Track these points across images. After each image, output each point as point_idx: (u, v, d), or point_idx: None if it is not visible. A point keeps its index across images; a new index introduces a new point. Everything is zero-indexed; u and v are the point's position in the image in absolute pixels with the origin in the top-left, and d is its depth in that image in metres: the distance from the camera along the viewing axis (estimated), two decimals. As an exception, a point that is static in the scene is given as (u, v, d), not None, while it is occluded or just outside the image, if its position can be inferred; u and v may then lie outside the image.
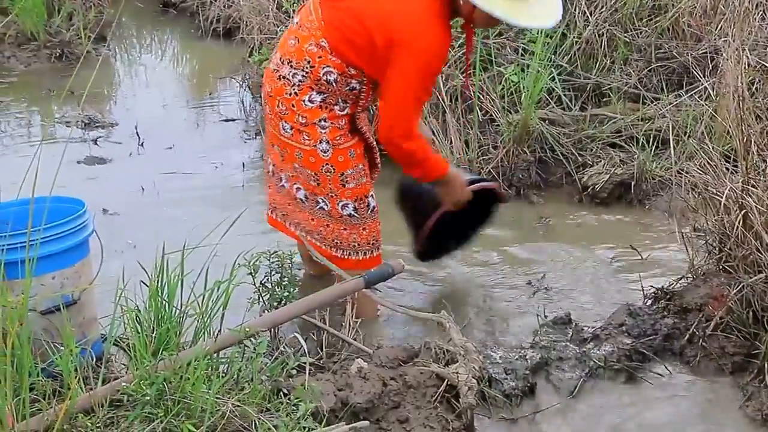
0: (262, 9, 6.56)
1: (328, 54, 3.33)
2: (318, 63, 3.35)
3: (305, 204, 3.58)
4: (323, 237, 3.59)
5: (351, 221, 3.55)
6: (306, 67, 3.36)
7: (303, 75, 3.37)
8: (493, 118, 5.23)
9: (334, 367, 3.09)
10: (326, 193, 3.50)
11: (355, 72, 3.35)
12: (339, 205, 3.51)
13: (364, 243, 3.59)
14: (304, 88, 3.38)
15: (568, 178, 5.12)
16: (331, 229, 3.57)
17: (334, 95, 3.39)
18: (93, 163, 5.52)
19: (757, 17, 5.42)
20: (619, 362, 3.40)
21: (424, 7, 3.27)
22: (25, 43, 7.49)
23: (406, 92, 3.32)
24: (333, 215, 3.54)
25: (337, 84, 3.36)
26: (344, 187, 3.49)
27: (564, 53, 5.54)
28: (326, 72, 3.35)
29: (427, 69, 3.33)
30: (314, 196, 3.54)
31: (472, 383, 2.99)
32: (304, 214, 3.61)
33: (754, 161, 3.58)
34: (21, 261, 2.65)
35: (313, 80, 3.36)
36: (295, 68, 3.39)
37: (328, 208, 3.54)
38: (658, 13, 5.77)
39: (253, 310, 3.38)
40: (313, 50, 3.35)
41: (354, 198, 3.51)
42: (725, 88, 4.59)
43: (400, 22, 3.24)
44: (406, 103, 3.33)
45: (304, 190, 3.56)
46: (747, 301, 3.40)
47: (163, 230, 3.66)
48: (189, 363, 2.61)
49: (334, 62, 3.33)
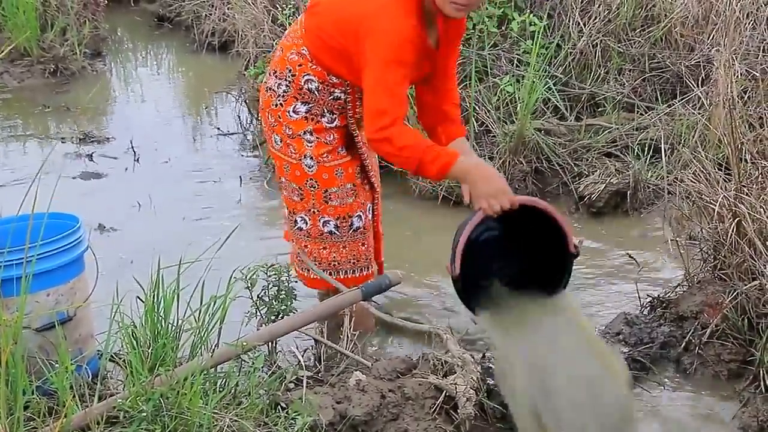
0: (258, 22, 6.55)
1: (308, 62, 3.29)
2: (299, 71, 3.31)
3: (287, 222, 3.57)
4: (300, 261, 3.56)
5: (331, 239, 3.48)
6: (288, 76, 3.33)
7: (287, 85, 3.34)
8: (489, 129, 5.23)
9: (332, 380, 3.08)
10: (308, 208, 3.44)
11: (337, 80, 3.29)
12: (320, 221, 3.45)
13: (345, 261, 3.51)
14: (289, 98, 3.35)
15: (565, 188, 5.12)
16: (309, 251, 3.51)
17: (319, 105, 3.34)
18: (89, 178, 5.51)
19: (748, 26, 5.42)
20: (617, 371, 3.40)
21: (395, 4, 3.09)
22: (18, 59, 7.46)
23: (375, 82, 3.09)
24: (312, 234, 3.47)
25: (320, 93, 3.32)
26: (327, 203, 3.42)
27: (559, 64, 5.56)
28: (307, 80, 3.30)
29: (392, 54, 3.06)
30: (293, 215, 3.49)
31: (471, 394, 2.99)
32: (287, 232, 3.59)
33: (746, 169, 3.59)
34: (16, 278, 2.63)
35: (296, 89, 3.32)
36: (280, 78, 3.37)
37: (307, 227, 3.47)
38: (651, 23, 5.78)
39: (250, 323, 3.37)
40: (294, 59, 3.32)
41: (336, 216, 3.44)
42: (717, 97, 4.60)
43: (364, 16, 3.11)
44: (376, 94, 3.09)
45: (285, 208, 3.54)
46: (742, 308, 3.41)
47: (159, 245, 3.65)
48: (186, 378, 2.60)
49: (315, 70, 3.28)
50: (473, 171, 3.07)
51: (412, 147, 3.05)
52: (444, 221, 4.12)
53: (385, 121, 3.04)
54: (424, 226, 4.82)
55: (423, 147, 3.06)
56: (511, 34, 5.61)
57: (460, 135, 3.44)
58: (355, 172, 3.47)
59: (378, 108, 3.06)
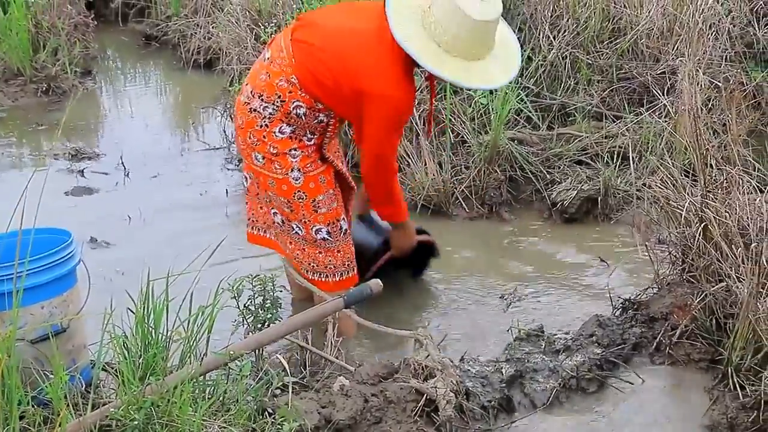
0: (241, 40, 6.54)
1: (298, 90, 3.33)
2: (288, 98, 3.35)
3: (283, 227, 3.57)
4: (300, 261, 3.58)
5: (325, 245, 3.53)
6: (276, 101, 3.36)
7: (273, 108, 3.37)
8: (465, 140, 5.23)
9: (317, 385, 3.08)
10: (299, 219, 3.49)
11: (322, 107, 3.37)
12: (313, 230, 3.50)
13: (340, 264, 3.58)
14: (275, 120, 3.37)
15: (538, 195, 5.12)
16: (307, 253, 3.56)
17: (303, 127, 3.40)
18: (80, 193, 5.47)
19: (710, 38, 5.46)
20: (591, 372, 3.40)
21: (390, 61, 3.28)
22: (12, 79, 7.42)
23: (381, 140, 3.40)
24: (307, 239, 3.53)
25: (306, 117, 3.38)
26: (317, 212, 3.48)
27: (530, 75, 5.56)
28: (296, 106, 3.36)
29: (398, 120, 3.43)
30: (288, 222, 3.53)
31: (450, 397, 2.99)
32: (283, 236, 3.60)
33: (712, 175, 3.60)
34: (8, 293, 2.63)
35: (284, 113, 3.37)
36: (266, 102, 3.38)
37: (302, 233, 3.53)
38: (618, 35, 5.79)
39: (237, 332, 3.36)
40: (284, 86, 3.35)
41: (327, 222, 3.50)
42: (683, 105, 4.61)
43: (368, 78, 3.27)
44: (383, 149, 3.43)
45: (280, 215, 3.55)
46: (710, 309, 3.42)
47: (149, 258, 3.62)
48: (176, 387, 2.58)
49: (304, 98, 3.34)
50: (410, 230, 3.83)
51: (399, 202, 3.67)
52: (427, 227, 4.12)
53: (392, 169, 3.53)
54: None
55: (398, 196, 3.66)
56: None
57: None
58: (332, 178, 3.56)
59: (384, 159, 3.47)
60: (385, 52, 3.28)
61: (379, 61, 3.29)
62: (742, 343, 3.23)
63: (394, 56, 3.28)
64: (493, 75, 3.37)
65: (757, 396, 3.11)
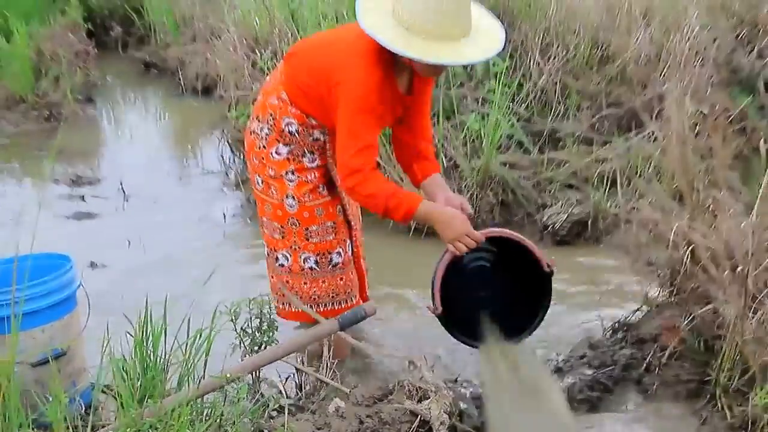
0: (238, 67, 6.58)
1: (288, 106, 3.29)
2: (279, 115, 3.31)
3: (268, 260, 3.56)
4: (281, 295, 3.55)
5: (311, 275, 3.48)
6: (270, 120, 3.34)
7: (268, 128, 3.35)
8: (457, 164, 5.25)
9: (312, 407, 3.07)
10: (289, 245, 3.44)
11: (316, 123, 3.30)
12: (301, 258, 3.45)
13: (324, 295, 3.51)
14: (271, 140, 3.35)
15: (529, 218, 5.14)
16: (290, 285, 3.50)
17: (300, 146, 3.35)
18: (81, 218, 5.49)
19: (697, 64, 5.49)
20: (582, 393, 3.40)
21: (357, 44, 3.12)
22: (14, 106, 7.47)
23: (347, 131, 3.11)
24: (293, 270, 3.48)
25: (300, 135, 3.32)
26: (308, 240, 3.42)
27: (521, 101, 5.61)
28: (287, 123, 3.31)
29: (360, 102, 3.08)
30: (274, 252, 3.49)
31: (444, 418, 2.98)
32: (268, 269, 3.59)
33: (699, 199, 3.61)
34: (6, 318, 2.62)
35: (278, 132, 3.33)
36: (262, 122, 3.37)
37: (288, 263, 3.47)
38: (607, 62, 5.84)
39: (234, 354, 3.35)
40: (275, 103, 3.33)
41: (316, 252, 3.44)
42: (670, 131, 4.63)
43: (334, 67, 3.14)
44: (346, 145, 3.11)
45: (266, 247, 3.53)
46: (698, 330, 3.42)
47: (147, 282, 3.63)
48: (173, 409, 2.58)
49: (294, 113, 3.29)
50: (436, 217, 3.21)
51: (376, 195, 3.12)
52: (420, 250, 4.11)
53: (352, 170, 3.10)
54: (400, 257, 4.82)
55: (386, 194, 3.12)
56: (476, 75, 5.65)
57: (435, 171, 3.49)
58: (336, 210, 3.47)
59: (346, 158, 3.11)
60: (359, 48, 3.13)
61: (349, 55, 3.13)
62: (730, 364, 3.23)
63: (367, 48, 3.10)
64: (466, 53, 3.05)
65: (744, 417, 3.10)
